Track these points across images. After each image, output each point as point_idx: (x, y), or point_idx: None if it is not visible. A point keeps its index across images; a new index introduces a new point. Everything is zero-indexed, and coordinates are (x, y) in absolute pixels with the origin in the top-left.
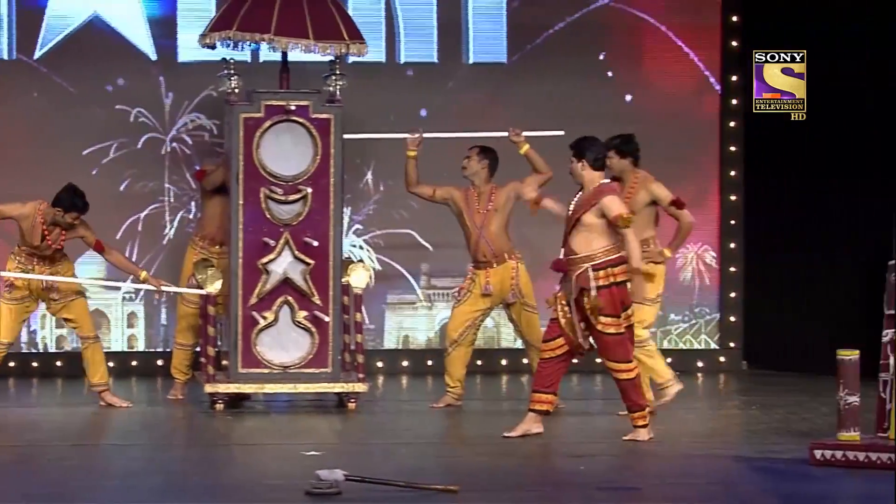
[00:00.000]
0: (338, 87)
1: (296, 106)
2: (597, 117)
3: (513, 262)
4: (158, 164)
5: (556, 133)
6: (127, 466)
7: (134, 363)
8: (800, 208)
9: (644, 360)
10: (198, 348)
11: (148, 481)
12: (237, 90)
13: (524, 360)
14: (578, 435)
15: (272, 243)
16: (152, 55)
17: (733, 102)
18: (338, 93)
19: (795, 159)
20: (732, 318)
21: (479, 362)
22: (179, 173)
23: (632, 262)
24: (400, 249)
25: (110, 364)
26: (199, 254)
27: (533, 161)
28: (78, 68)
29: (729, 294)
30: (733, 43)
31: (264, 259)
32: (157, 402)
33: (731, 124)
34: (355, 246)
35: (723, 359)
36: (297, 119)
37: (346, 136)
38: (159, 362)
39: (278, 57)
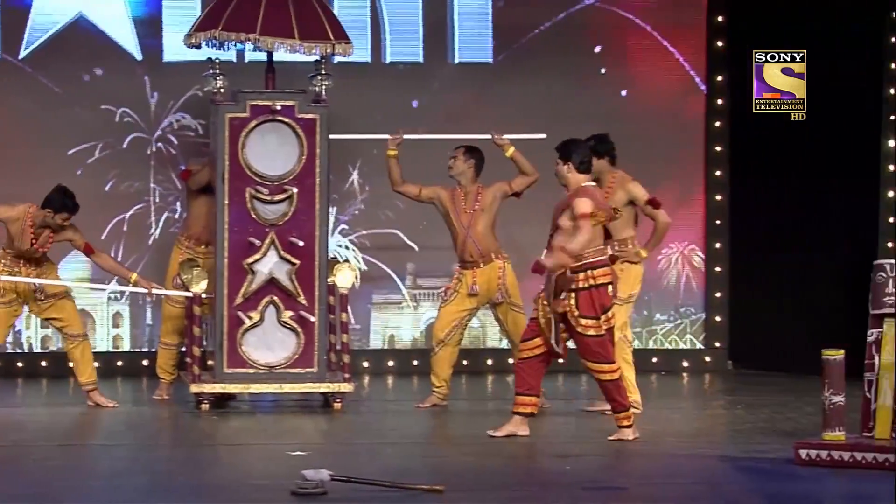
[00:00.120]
0: (323, 87)
1: (281, 106)
2: (583, 117)
3: (500, 262)
4: (144, 164)
5: (538, 136)
6: (112, 466)
7: (119, 363)
8: (785, 208)
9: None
10: (183, 348)
11: (133, 481)
12: (223, 90)
13: (510, 360)
14: (564, 435)
15: (258, 243)
16: (137, 55)
17: (718, 102)
18: (323, 93)
19: (781, 160)
20: (718, 318)
21: (465, 362)
22: (165, 173)
23: (566, 244)
24: (386, 249)
25: (95, 364)
26: (185, 254)
27: (519, 164)
28: (63, 68)
29: (714, 294)
30: (718, 43)
31: (250, 259)
32: (143, 403)
33: (717, 124)
34: (341, 246)
35: (708, 359)
36: (283, 119)
37: (331, 137)
38: (144, 362)
39: (264, 57)
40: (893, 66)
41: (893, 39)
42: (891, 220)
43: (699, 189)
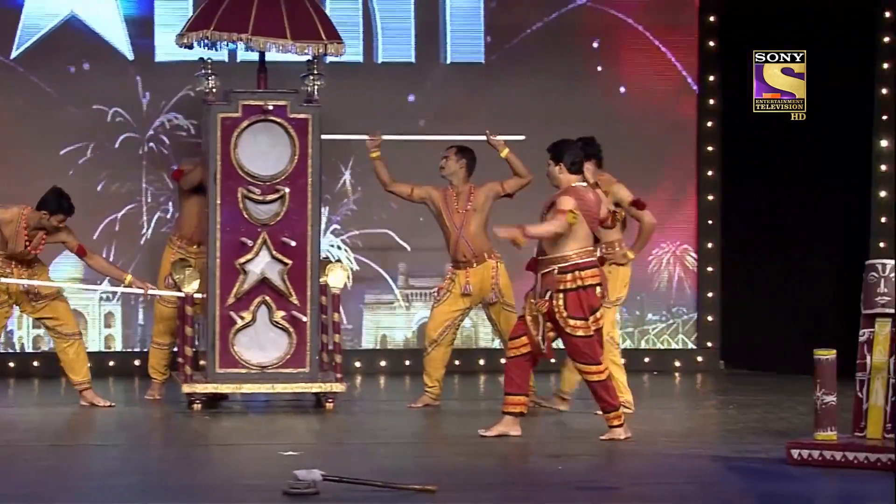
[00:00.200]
0: (315, 87)
1: (273, 106)
2: (575, 118)
3: (493, 262)
4: (135, 164)
5: (517, 137)
6: (104, 467)
7: (111, 363)
8: (777, 208)
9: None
10: (175, 348)
11: (125, 481)
12: (214, 90)
13: (502, 360)
14: (556, 434)
15: (250, 243)
16: (129, 55)
17: (710, 102)
18: (315, 93)
19: (774, 160)
20: (710, 318)
21: (457, 362)
22: (157, 173)
23: (527, 226)
24: (378, 249)
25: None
26: (177, 253)
27: (513, 165)
28: (55, 68)
29: (706, 294)
30: (710, 43)
31: (242, 259)
32: (135, 403)
33: (709, 124)
34: (333, 246)
35: (700, 358)
36: (275, 119)
37: (323, 137)
38: (136, 362)
39: (256, 57)
40: (886, 66)
41: (886, 39)
42: (883, 220)
43: (691, 189)
